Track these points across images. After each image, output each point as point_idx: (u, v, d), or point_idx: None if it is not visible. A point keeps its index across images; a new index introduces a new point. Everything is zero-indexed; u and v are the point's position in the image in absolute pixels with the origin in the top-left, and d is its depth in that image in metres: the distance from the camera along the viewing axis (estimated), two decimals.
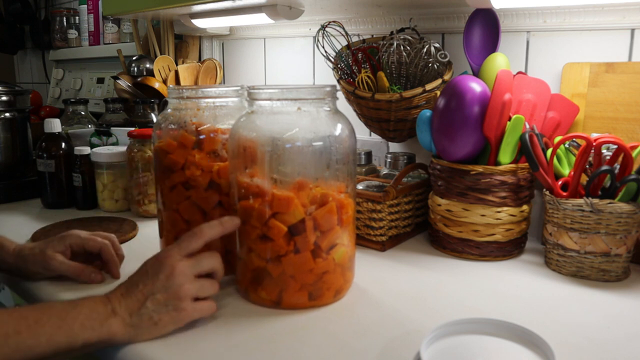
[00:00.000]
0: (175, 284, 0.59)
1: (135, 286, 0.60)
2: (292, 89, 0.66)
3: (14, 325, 0.53)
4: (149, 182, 1.06)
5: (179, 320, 0.60)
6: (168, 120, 0.79)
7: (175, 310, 0.59)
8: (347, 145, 0.68)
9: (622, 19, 0.88)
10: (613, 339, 0.60)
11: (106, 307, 0.58)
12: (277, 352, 0.58)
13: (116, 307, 0.58)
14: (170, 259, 0.61)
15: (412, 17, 1.10)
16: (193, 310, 0.61)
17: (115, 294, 0.60)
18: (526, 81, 0.90)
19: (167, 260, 0.61)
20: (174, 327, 0.60)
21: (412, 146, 1.15)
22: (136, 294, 0.59)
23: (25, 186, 1.23)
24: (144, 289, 0.59)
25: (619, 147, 0.75)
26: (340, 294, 0.71)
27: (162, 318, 0.59)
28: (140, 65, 1.49)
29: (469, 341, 0.54)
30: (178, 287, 0.59)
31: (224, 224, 0.65)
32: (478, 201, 0.83)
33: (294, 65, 1.39)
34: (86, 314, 0.56)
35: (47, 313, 0.55)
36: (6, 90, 1.22)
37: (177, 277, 0.60)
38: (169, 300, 0.59)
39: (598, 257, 0.76)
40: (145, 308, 0.58)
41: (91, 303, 0.58)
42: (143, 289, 0.59)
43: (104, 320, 0.57)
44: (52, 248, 0.75)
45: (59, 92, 2.10)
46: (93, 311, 0.57)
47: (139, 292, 0.59)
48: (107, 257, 0.77)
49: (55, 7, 2.27)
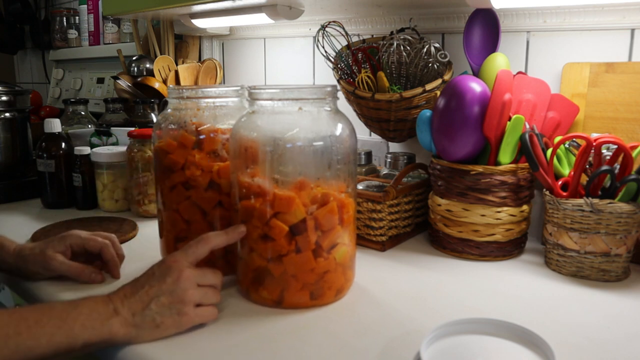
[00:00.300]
0: (181, 288, 0.60)
1: (141, 287, 0.60)
2: (293, 89, 0.66)
3: (14, 327, 0.53)
4: (149, 182, 1.06)
5: (181, 325, 0.60)
6: (168, 120, 0.79)
7: (178, 314, 0.60)
8: (347, 145, 0.68)
9: (622, 19, 0.88)
10: (613, 339, 0.61)
11: (107, 307, 0.58)
12: (278, 352, 0.58)
13: (118, 307, 0.58)
14: (178, 264, 0.62)
15: (412, 17, 1.10)
16: (195, 316, 0.61)
17: (118, 294, 0.60)
18: (526, 81, 0.90)
19: (175, 265, 0.62)
20: (176, 331, 0.60)
21: (412, 146, 1.15)
22: (141, 294, 0.59)
23: (25, 186, 1.23)
24: (150, 290, 0.60)
25: (619, 147, 0.75)
26: (341, 293, 0.71)
27: (164, 321, 0.59)
28: (140, 65, 1.49)
29: (469, 341, 0.54)
30: (183, 292, 0.60)
31: (228, 233, 0.67)
32: (478, 201, 0.83)
33: (294, 65, 1.39)
34: (87, 314, 0.56)
35: (48, 314, 0.55)
36: (6, 90, 1.22)
37: (183, 282, 0.60)
38: (173, 304, 0.59)
39: (598, 257, 0.76)
40: (149, 309, 0.59)
41: (92, 303, 0.58)
42: (149, 290, 0.60)
43: (105, 320, 0.57)
44: (52, 248, 0.75)
45: (59, 92, 2.10)
46: (94, 311, 0.57)
47: (144, 293, 0.60)
48: (108, 257, 0.77)
49: (55, 7, 2.27)
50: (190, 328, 0.62)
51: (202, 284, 0.63)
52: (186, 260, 0.63)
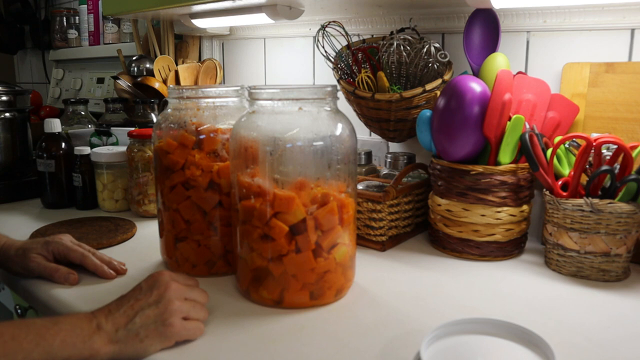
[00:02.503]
0: (167, 298, 0.58)
1: (127, 301, 0.58)
2: (294, 89, 0.66)
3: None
4: (149, 182, 1.06)
5: (165, 337, 0.57)
6: (168, 120, 0.79)
7: (163, 324, 0.57)
8: (347, 145, 0.68)
9: (622, 19, 0.88)
10: (613, 339, 0.61)
11: (91, 324, 0.55)
12: (278, 352, 0.58)
13: (102, 323, 0.56)
14: (165, 277, 0.61)
15: (412, 17, 1.10)
16: (182, 328, 0.58)
17: (103, 310, 0.58)
18: (526, 81, 0.90)
19: (161, 278, 0.61)
20: (161, 346, 0.57)
21: (412, 146, 1.15)
22: (125, 309, 0.57)
23: (25, 186, 1.23)
24: (135, 304, 0.58)
25: (619, 147, 0.75)
26: (341, 293, 0.71)
27: (149, 334, 0.56)
28: (140, 65, 1.49)
29: (469, 341, 0.54)
30: (169, 302, 0.58)
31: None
32: (478, 201, 0.83)
33: (294, 65, 1.39)
34: (68, 330, 0.53)
35: (26, 330, 0.52)
36: (6, 90, 1.22)
37: (169, 293, 0.59)
38: (158, 316, 0.57)
39: (598, 257, 0.76)
40: (133, 323, 0.56)
41: (74, 319, 0.55)
42: (134, 304, 0.58)
43: (86, 337, 0.54)
44: (34, 250, 0.76)
45: (59, 92, 2.10)
46: (76, 327, 0.54)
47: (129, 307, 0.57)
48: (91, 268, 0.77)
49: (55, 7, 2.27)
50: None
51: (189, 298, 0.61)
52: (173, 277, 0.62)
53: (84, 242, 0.83)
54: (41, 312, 0.75)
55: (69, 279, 0.75)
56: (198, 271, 0.78)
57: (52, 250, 0.77)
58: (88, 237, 0.92)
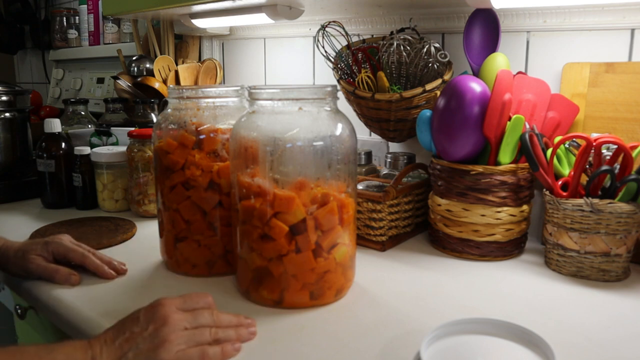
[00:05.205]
0: (162, 335, 0.54)
1: (122, 333, 0.55)
2: (294, 89, 0.66)
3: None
4: (149, 182, 1.06)
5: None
6: (168, 120, 0.79)
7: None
8: (347, 145, 0.68)
9: (622, 19, 0.88)
10: (613, 339, 0.61)
11: (86, 354, 0.53)
12: (278, 352, 0.58)
13: (96, 355, 0.53)
14: (164, 309, 0.56)
15: (412, 17, 1.10)
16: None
17: (99, 340, 0.55)
18: (526, 81, 0.90)
19: (160, 310, 0.56)
20: None
21: (412, 146, 1.15)
22: (121, 342, 0.54)
23: (25, 186, 1.23)
24: (130, 337, 0.54)
25: (619, 147, 0.75)
26: (341, 293, 0.71)
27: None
28: (140, 65, 1.49)
29: (469, 341, 0.54)
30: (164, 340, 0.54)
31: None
32: (478, 201, 0.83)
33: (294, 65, 1.39)
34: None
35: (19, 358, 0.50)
36: (6, 90, 1.22)
37: (166, 328, 0.55)
38: (151, 351, 0.53)
39: (598, 257, 0.76)
40: (125, 358, 0.53)
41: (70, 349, 0.53)
42: (129, 337, 0.54)
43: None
44: (33, 252, 0.75)
45: (59, 92, 2.10)
46: (70, 358, 0.52)
47: (124, 340, 0.54)
48: (92, 268, 0.76)
49: (55, 7, 2.27)
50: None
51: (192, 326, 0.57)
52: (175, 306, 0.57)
53: (84, 242, 0.83)
54: (42, 312, 0.75)
55: (71, 280, 0.74)
56: (198, 271, 0.78)
57: (52, 251, 0.76)
58: (88, 237, 0.92)
